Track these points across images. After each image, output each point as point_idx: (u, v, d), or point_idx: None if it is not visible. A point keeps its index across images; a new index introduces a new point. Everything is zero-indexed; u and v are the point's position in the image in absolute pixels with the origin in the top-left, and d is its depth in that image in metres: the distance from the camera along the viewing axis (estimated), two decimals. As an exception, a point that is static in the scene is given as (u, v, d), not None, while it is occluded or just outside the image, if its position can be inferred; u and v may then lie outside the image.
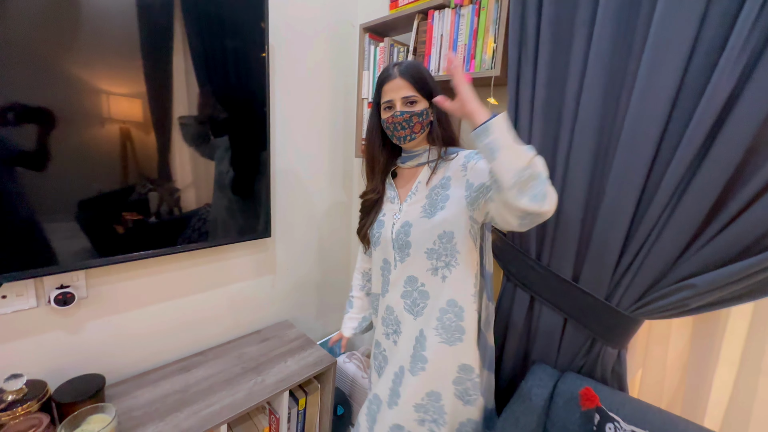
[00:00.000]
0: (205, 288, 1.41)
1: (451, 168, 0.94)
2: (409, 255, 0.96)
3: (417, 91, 0.91)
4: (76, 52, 0.97)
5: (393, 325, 1.03)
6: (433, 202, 0.93)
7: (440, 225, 0.90)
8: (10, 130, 0.90)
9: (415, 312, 0.97)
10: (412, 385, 0.95)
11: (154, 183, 1.15)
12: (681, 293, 0.85)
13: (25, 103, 0.91)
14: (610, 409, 0.95)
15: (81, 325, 1.13)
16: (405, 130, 0.93)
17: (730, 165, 0.78)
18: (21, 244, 0.94)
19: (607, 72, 0.91)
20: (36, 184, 0.95)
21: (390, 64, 0.96)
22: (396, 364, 1.01)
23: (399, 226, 0.97)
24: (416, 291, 0.97)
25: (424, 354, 0.94)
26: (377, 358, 1.11)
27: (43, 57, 0.92)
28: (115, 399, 1.12)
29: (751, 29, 0.71)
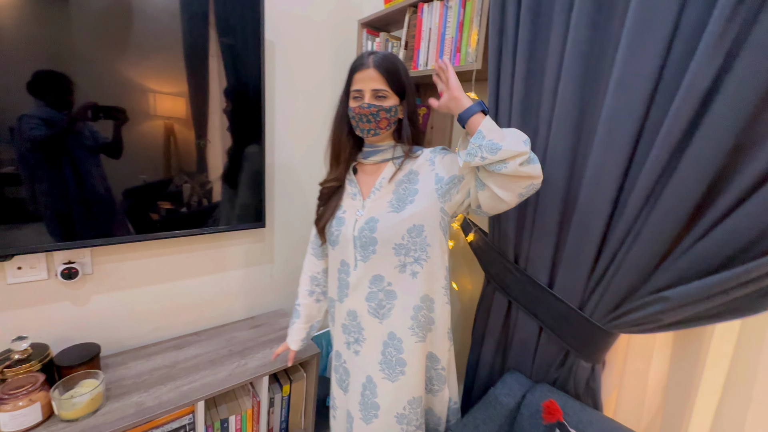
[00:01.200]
0: (203, 272, 1.50)
1: (416, 164, 0.93)
2: (375, 252, 0.90)
3: (388, 85, 0.87)
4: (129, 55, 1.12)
5: (355, 333, 0.96)
6: (401, 197, 0.91)
7: (409, 219, 0.88)
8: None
9: (380, 315, 0.92)
10: (391, 394, 0.91)
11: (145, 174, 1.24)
12: (655, 306, 0.77)
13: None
14: (577, 426, 0.88)
15: (86, 298, 1.25)
16: (370, 124, 0.89)
17: (709, 165, 0.69)
18: (36, 222, 1.07)
19: (585, 61, 0.84)
20: (43, 170, 1.07)
21: (365, 52, 0.91)
22: (361, 374, 0.95)
23: (363, 223, 0.91)
24: (382, 291, 0.91)
25: (403, 357, 0.91)
26: (338, 371, 1.04)
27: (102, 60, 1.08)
28: (111, 368, 1.23)
29: (734, 8, 0.63)
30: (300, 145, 1.66)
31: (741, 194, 0.67)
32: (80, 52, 1.06)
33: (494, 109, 1.05)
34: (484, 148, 0.73)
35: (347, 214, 0.96)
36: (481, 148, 0.74)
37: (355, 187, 0.98)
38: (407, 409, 0.92)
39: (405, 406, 0.92)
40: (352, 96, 0.91)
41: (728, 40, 0.64)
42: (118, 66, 1.12)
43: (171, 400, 1.12)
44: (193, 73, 1.27)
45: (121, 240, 1.22)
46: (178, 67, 1.23)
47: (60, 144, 1.07)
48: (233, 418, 1.30)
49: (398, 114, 0.92)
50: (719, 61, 0.65)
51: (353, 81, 0.91)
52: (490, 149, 0.73)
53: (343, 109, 0.96)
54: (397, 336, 0.91)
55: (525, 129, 0.98)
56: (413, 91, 0.93)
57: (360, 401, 0.95)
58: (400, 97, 0.91)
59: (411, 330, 0.91)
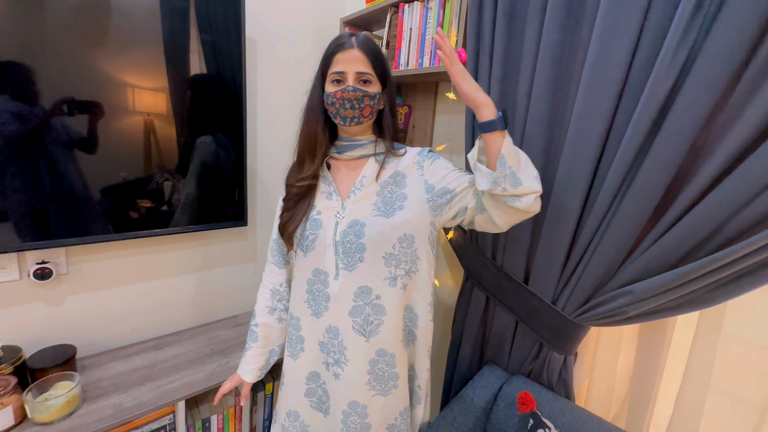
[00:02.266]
0: (185, 271, 1.49)
1: (402, 164, 0.85)
2: (363, 260, 0.79)
3: (373, 69, 0.79)
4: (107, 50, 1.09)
5: (335, 354, 0.84)
6: (388, 200, 0.82)
7: (401, 226, 0.79)
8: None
9: (367, 332, 0.81)
10: (381, 408, 0.85)
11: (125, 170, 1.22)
12: (620, 300, 0.81)
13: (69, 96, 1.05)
14: (550, 416, 0.92)
15: (61, 298, 1.22)
16: (354, 111, 0.78)
17: (670, 165, 0.73)
18: (6, 221, 1.04)
19: (557, 64, 0.88)
20: (15, 167, 1.04)
21: (345, 33, 0.81)
22: (342, 401, 0.85)
23: (345, 227, 0.81)
24: (369, 306, 0.81)
25: (395, 371, 0.84)
26: (315, 393, 0.90)
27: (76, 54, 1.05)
28: (88, 369, 1.21)
29: (692, 17, 0.66)
30: (282, 143, 1.65)
31: (697, 194, 0.71)
32: (54, 46, 1.03)
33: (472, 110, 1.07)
34: (507, 178, 0.69)
35: (323, 215, 0.84)
36: (505, 179, 0.69)
37: (331, 185, 0.86)
38: (398, 420, 0.87)
39: (396, 417, 0.87)
40: (331, 79, 0.80)
41: (686, 48, 0.68)
42: (94, 60, 1.10)
43: (150, 401, 1.11)
44: (174, 69, 1.25)
45: (98, 239, 1.20)
46: (158, 62, 1.21)
47: (33, 139, 1.04)
48: (215, 417, 1.30)
49: (381, 103, 0.83)
50: (678, 68, 0.69)
51: (333, 62, 0.80)
52: (512, 182, 0.70)
53: (317, 95, 0.84)
54: (388, 352, 0.83)
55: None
56: (393, 80, 0.87)
57: (342, 429, 0.85)
58: (383, 86, 0.82)
59: (401, 342, 0.85)
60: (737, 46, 0.63)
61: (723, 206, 0.68)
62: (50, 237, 1.11)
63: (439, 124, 1.41)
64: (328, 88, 0.81)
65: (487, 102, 0.71)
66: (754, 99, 0.65)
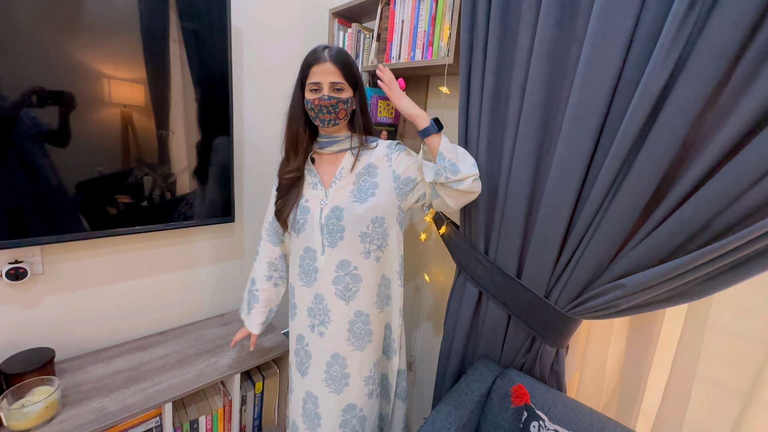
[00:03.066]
0: (169, 269, 1.44)
1: (373, 156, 1.01)
2: (343, 239, 0.97)
3: (345, 79, 0.93)
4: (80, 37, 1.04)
5: (321, 315, 1.02)
6: (362, 188, 0.98)
7: (373, 210, 0.97)
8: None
9: (347, 297, 1.00)
10: (359, 361, 1.03)
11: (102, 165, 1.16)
12: (612, 293, 0.82)
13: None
14: (543, 408, 0.93)
15: (37, 300, 1.16)
16: (330, 115, 0.94)
17: (663, 160, 0.74)
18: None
19: (551, 59, 0.87)
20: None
21: (319, 47, 0.95)
22: (325, 354, 1.03)
23: (329, 211, 0.97)
24: (348, 275, 0.99)
25: (370, 328, 1.03)
26: (298, 354, 1.10)
27: (49, 43, 1.00)
28: (67, 373, 1.16)
29: (686, 13, 0.67)
30: (271, 136, 1.60)
31: (689, 189, 0.72)
32: (23, 31, 0.97)
33: (465, 104, 1.06)
34: (447, 169, 0.91)
35: (311, 203, 1.01)
36: (445, 170, 0.91)
37: (315, 177, 1.02)
38: (372, 371, 1.06)
39: (371, 368, 1.06)
40: (309, 88, 0.95)
41: (679, 45, 0.68)
42: (66, 48, 1.04)
43: (135, 404, 1.07)
44: (153, 59, 1.19)
45: (76, 237, 1.14)
46: (135, 51, 1.16)
47: (2, 133, 0.98)
48: (203, 418, 1.27)
49: (353, 105, 0.98)
50: (672, 64, 0.70)
51: (310, 74, 0.94)
52: (452, 170, 0.92)
53: (298, 100, 0.99)
54: (364, 312, 1.02)
55: (495, 122, 1.01)
56: (363, 83, 1.01)
57: (325, 378, 1.03)
58: (354, 90, 0.97)
59: (376, 305, 1.04)
60: (730, 43, 0.64)
61: (713, 201, 0.69)
62: (24, 235, 1.05)
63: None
64: (308, 95, 0.96)
65: (422, 115, 0.95)
66: (745, 96, 0.66)
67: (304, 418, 1.08)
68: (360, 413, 1.06)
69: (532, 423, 0.88)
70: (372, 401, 1.08)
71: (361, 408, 1.05)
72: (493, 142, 1.02)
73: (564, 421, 0.89)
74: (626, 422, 0.96)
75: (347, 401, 1.04)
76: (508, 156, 0.99)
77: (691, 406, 0.85)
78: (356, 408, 1.05)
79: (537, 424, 0.87)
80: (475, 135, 1.05)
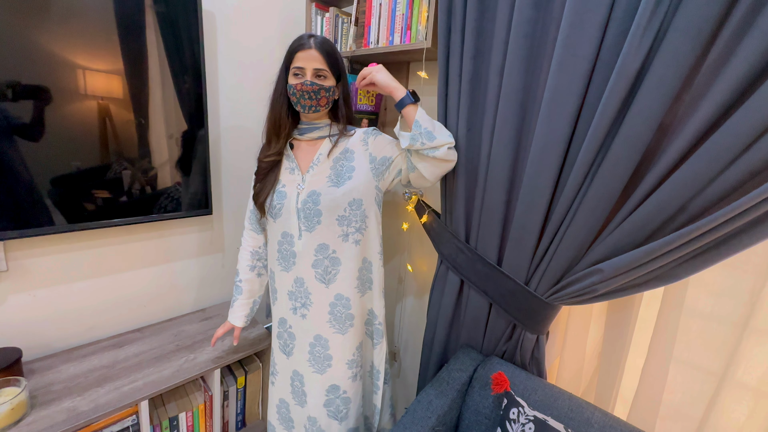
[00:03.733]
0: (146, 264, 1.39)
1: (350, 142, 1.01)
2: (320, 223, 0.97)
3: (328, 66, 0.94)
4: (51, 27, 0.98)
5: (302, 298, 1.03)
6: (339, 172, 0.98)
7: (350, 193, 0.97)
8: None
9: (326, 280, 1.00)
10: (341, 344, 1.04)
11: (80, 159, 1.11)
12: (590, 278, 0.82)
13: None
14: (523, 394, 0.93)
15: (1, 298, 1.11)
16: (312, 101, 0.94)
17: (639, 144, 0.73)
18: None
19: (529, 41, 0.85)
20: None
21: (305, 34, 0.96)
22: (308, 335, 1.04)
23: (305, 196, 0.97)
24: (327, 259, 0.99)
25: (351, 312, 1.03)
26: (281, 337, 1.11)
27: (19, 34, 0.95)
28: (37, 373, 1.12)
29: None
30: (247, 124, 1.56)
31: (664, 172, 0.72)
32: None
33: (444, 88, 1.04)
34: (423, 135, 0.91)
35: (287, 188, 1.00)
36: (421, 135, 0.91)
37: (293, 162, 1.02)
38: (355, 355, 1.07)
39: (354, 352, 1.06)
40: (293, 73, 0.95)
41: (656, 24, 0.67)
42: (37, 39, 0.98)
43: (109, 402, 1.04)
44: (128, 48, 1.14)
45: (42, 231, 1.09)
46: (110, 40, 1.10)
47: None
48: (183, 415, 1.24)
49: (335, 94, 0.99)
50: (648, 43, 0.68)
51: (294, 59, 0.94)
52: (427, 137, 0.91)
53: (282, 85, 0.99)
54: (344, 296, 1.02)
55: (474, 108, 0.99)
56: (346, 75, 1.02)
57: (309, 359, 1.05)
58: (337, 80, 0.98)
59: (356, 289, 1.03)
60: (705, 20, 0.63)
61: (688, 184, 0.69)
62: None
63: (412, 106, 1.37)
64: (291, 80, 0.96)
65: (398, 87, 0.95)
66: (719, 77, 0.65)
67: (293, 395, 1.11)
68: (344, 395, 1.06)
69: (511, 409, 0.87)
70: (356, 384, 1.08)
71: (344, 390, 1.06)
72: (472, 128, 1.00)
73: (543, 407, 0.89)
74: (605, 406, 0.96)
75: (330, 382, 1.05)
76: (487, 142, 0.97)
77: (667, 388, 0.85)
78: (339, 389, 1.05)
79: (516, 410, 0.87)
80: (454, 121, 1.02)
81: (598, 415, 0.85)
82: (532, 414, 0.85)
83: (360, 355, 1.09)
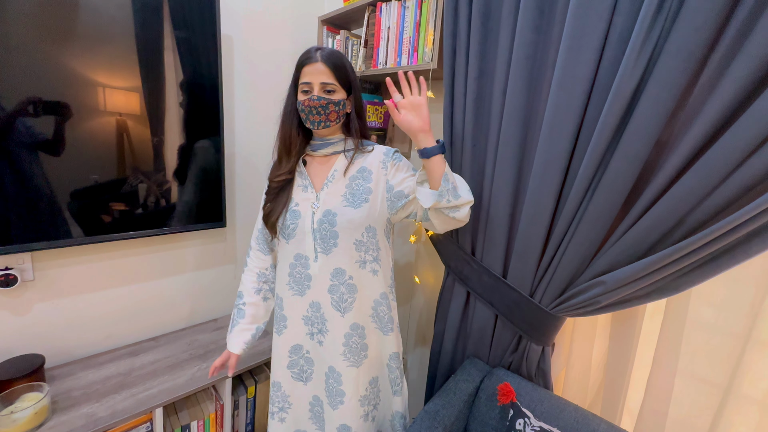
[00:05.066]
0: (160, 275, 1.45)
1: (368, 160, 0.96)
2: (336, 246, 0.92)
3: (336, 80, 0.90)
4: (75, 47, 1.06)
5: (318, 324, 0.97)
6: (355, 192, 0.93)
7: (367, 218, 0.92)
8: None
9: (342, 308, 0.94)
10: (354, 378, 0.96)
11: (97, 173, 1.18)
12: (593, 290, 0.84)
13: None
14: (529, 405, 0.94)
15: (27, 306, 1.17)
16: (320, 116, 0.90)
17: (637, 160, 0.76)
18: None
19: (530, 63, 0.90)
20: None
21: (312, 47, 0.92)
22: (324, 364, 0.98)
23: (320, 215, 0.92)
24: (344, 285, 0.93)
25: (366, 342, 0.98)
26: (297, 365, 1.02)
27: (45, 52, 1.02)
28: (57, 379, 1.16)
29: (654, 18, 0.69)
30: (261, 142, 1.63)
31: (663, 187, 0.74)
32: (18, 41, 0.99)
33: (450, 107, 1.09)
34: (450, 192, 0.84)
35: (301, 206, 0.95)
36: (448, 192, 0.83)
37: (306, 179, 0.97)
38: (368, 390, 1.00)
39: (367, 387, 1.00)
40: (301, 89, 0.92)
41: (649, 48, 0.71)
42: (62, 59, 1.05)
43: (126, 409, 1.07)
44: (147, 68, 1.22)
45: (66, 243, 1.15)
46: (130, 60, 1.18)
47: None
48: (195, 423, 1.27)
49: (346, 108, 0.95)
50: (642, 66, 0.72)
51: (302, 74, 0.92)
52: (453, 195, 0.84)
53: (291, 102, 0.96)
54: (360, 325, 0.96)
55: (478, 125, 1.03)
56: (359, 86, 0.98)
57: (326, 388, 0.99)
58: (348, 92, 0.94)
59: (371, 319, 0.98)
60: (696, 45, 0.67)
61: (685, 198, 0.71)
62: (13, 242, 1.05)
63: (419, 123, 1.42)
64: (299, 97, 0.93)
65: (430, 132, 0.86)
66: (711, 97, 0.68)
67: (313, 420, 1.03)
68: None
69: (518, 420, 0.89)
70: (367, 425, 1.00)
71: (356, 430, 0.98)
72: (477, 144, 1.04)
73: (549, 418, 0.90)
74: (611, 418, 0.97)
75: (341, 421, 0.97)
76: (491, 158, 1.01)
77: (673, 401, 0.86)
78: (351, 430, 0.97)
79: (522, 421, 0.88)
80: (459, 138, 1.07)
81: (604, 427, 0.86)
82: (539, 425, 0.86)
83: (373, 392, 1.01)
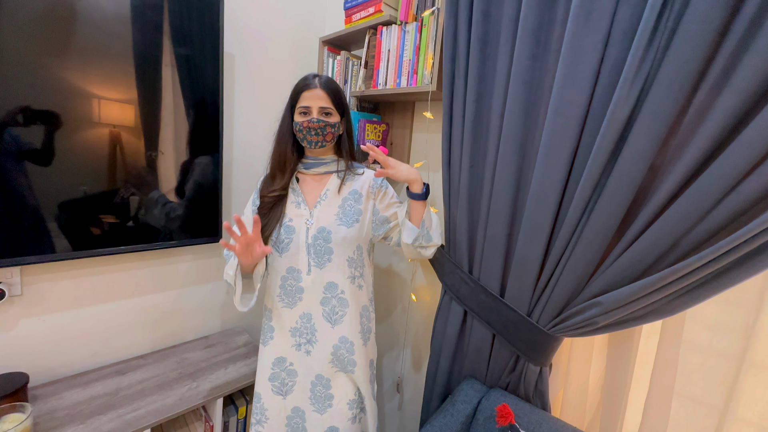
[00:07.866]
0: (152, 291, 1.42)
1: (358, 182, 1.05)
2: (331, 261, 0.99)
3: (333, 105, 0.99)
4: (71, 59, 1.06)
5: (307, 335, 1.02)
6: (347, 212, 1.01)
7: (357, 237, 1.01)
8: None
9: (333, 320, 1.01)
10: (343, 384, 1.04)
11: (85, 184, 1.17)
12: (590, 311, 0.85)
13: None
14: (527, 427, 0.93)
15: (12, 322, 1.13)
16: (318, 137, 0.98)
17: (631, 184, 0.78)
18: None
19: (527, 88, 0.93)
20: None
21: (310, 75, 1.01)
22: (311, 373, 1.03)
23: (315, 231, 0.99)
24: (335, 298, 1.00)
25: (354, 358, 1.03)
26: (277, 378, 1.06)
27: (39, 63, 1.02)
28: (41, 399, 1.11)
29: (645, 50, 0.73)
30: (259, 159, 1.61)
31: (657, 210, 0.76)
32: (13, 52, 0.98)
33: (448, 129, 1.11)
34: (424, 237, 1.02)
35: (294, 222, 1.01)
36: (423, 237, 1.01)
37: (300, 196, 1.03)
38: (356, 394, 1.06)
39: (356, 391, 1.06)
40: (299, 111, 0.99)
41: (641, 78, 0.74)
42: (55, 69, 1.05)
43: (112, 431, 1.03)
44: (144, 82, 1.22)
45: (57, 257, 1.12)
46: (127, 74, 1.18)
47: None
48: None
49: (340, 130, 1.03)
50: (635, 95, 0.75)
51: (300, 99, 0.99)
52: (426, 239, 1.02)
53: (288, 123, 1.03)
54: (349, 339, 1.02)
55: (476, 146, 1.06)
56: (350, 111, 1.07)
57: (310, 397, 1.04)
58: (341, 116, 1.02)
59: (360, 334, 1.04)
60: (686, 76, 0.70)
61: (680, 222, 0.73)
62: (2, 256, 1.03)
63: (417, 142, 1.45)
64: (297, 118, 1.00)
65: (418, 179, 1.00)
66: (702, 125, 0.71)
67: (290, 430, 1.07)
68: None
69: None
70: (355, 427, 1.06)
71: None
72: (475, 165, 1.07)
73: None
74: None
75: (329, 423, 1.03)
76: (489, 178, 1.03)
77: (670, 423, 0.86)
78: (338, 431, 1.03)
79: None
80: (457, 158, 1.09)
81: (604, 450, 0.85)
82: (538, 448, 0.85)
83: (360, 398, 1.08)
